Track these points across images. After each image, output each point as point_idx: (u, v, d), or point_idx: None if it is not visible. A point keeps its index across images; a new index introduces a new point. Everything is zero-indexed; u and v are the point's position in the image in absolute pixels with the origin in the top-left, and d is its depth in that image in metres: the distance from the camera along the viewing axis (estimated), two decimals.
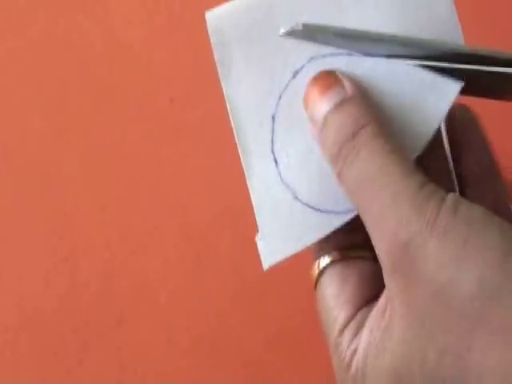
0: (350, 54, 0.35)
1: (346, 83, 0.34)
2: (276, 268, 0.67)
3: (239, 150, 0.36)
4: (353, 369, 0.33)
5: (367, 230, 0.32)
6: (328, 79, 0.34)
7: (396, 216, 0.30)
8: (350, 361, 0.33)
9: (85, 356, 0.64)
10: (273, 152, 0.36)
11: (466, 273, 0.29)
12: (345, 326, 0.34)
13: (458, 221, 0.29)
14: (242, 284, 0.64)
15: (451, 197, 0.30)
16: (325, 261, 0.35)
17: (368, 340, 0.32)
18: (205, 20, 0.35)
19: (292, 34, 0.34)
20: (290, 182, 0.36)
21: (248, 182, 0.36)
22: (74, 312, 0.64)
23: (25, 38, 0.66)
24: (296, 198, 0.36)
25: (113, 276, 0.65)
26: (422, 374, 0.30)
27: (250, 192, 0.36)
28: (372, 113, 0.33)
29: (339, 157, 0.33)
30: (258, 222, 0.36)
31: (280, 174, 0.36)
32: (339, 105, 0.33)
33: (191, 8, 0.66)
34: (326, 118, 0.34)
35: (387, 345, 0.31)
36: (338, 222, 0.35)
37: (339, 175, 0.33)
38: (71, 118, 0.65)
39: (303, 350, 0.64)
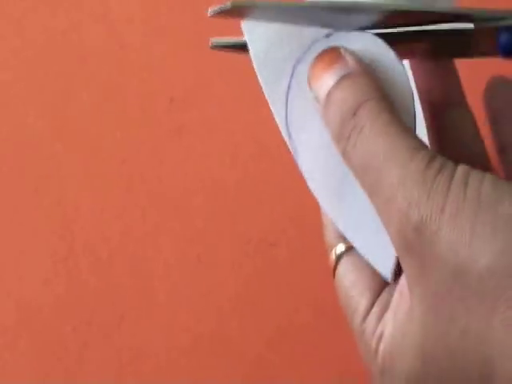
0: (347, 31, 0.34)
1: (349, 58, 0.33)
2: (275, 268, 0.67)
3: None
4: (380, 354, 0.32)
5: (377, 212, 0.31)
6: (331, 55, 0.33)
7: (405, 198, 0.30)
8: (377, 347, 0.32)
9: (85, 356, 0.64)
10: None
11: (480, 250, 0.28)
12: (367, 313, 0.33)
13: (469, 198, 0.29)
14: (241, 284, 0.64)
15: (460, 170, 0.30)
16: (340, 248, 0.35)
17: (393, 324, 0.32)
18: (204, 21, 0.35)
19: (222, 12, 0.32)
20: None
21: None
22: (74, 312, 0.64)
23: (25, 38, 0.66)
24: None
25: (113, 276, 0.65)
26: (445, 353, 0.30)
27: None
28: (374, 87, 0.32)
29: (342, 136, 0.32)
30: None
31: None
32: (341, 80, 0.32)
33: (191, 8, 0.66)
34: (328, 94, 0.33)
35: (410, 328, 0.31)
36: None
37: (343, 155, 0.32)
38: (71, 118, 0.65)
39: (303, 350, 0.64)
